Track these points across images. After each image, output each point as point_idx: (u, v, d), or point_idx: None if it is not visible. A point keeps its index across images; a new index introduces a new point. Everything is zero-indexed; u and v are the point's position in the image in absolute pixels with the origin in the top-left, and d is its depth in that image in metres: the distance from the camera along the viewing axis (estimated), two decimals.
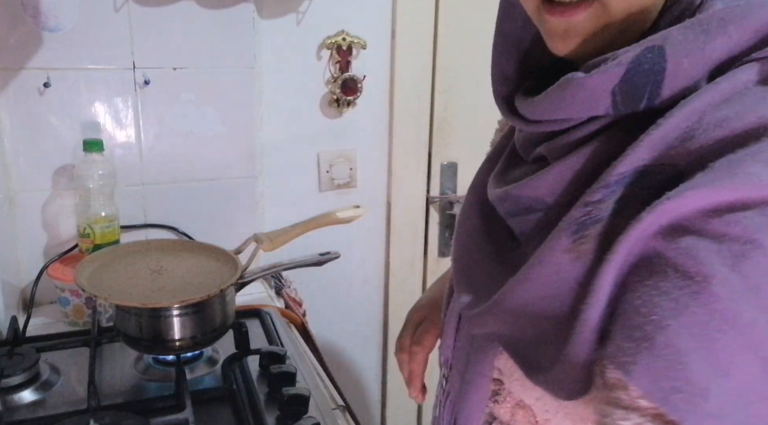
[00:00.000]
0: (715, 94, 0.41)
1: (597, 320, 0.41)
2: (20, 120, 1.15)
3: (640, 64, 0.42)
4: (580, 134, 0.47)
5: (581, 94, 0.45)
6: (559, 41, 0.48)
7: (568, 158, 0.47)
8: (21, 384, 0.89)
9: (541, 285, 0.45)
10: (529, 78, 0.55)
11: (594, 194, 0.43)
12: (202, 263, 0.94)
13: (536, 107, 0.49)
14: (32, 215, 1.20)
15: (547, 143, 0.50)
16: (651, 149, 0.41)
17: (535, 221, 0.49)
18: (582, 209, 0.43)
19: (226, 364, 0.94)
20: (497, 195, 0.53)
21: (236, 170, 1.33)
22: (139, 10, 1.18)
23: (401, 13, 1.39)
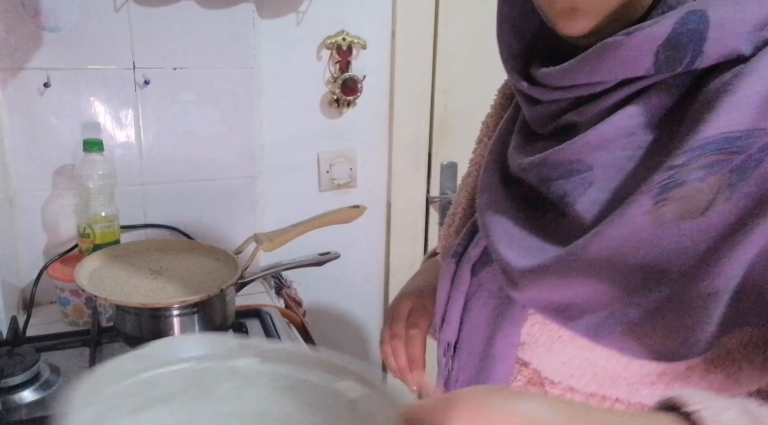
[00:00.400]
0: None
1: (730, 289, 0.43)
2: (20, 120, 1.15)
3: (685, 25, 0.44)
4: (615, 97, 0.49)
5: (624, 54, 0.46)
6: (566, 20, 0.50)
7: (607, 123, 0.48)
8: (21, 384, 0.89)
9: (614, 242, 0.46)
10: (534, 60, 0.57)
11: (676, 158, 0.44)
12: (202, 263, 0.94)
13: (569, 73, 0.50)
14: (32, 215, 1.20)
15: (580, 109, 0.51)
16: (732, 114, 0.43)
17: (579, 182, 0.50)
18: (665, 172, 0.44)
19: None
20: (531, 163, 0.54)
21: (236, 170, 1.33)
22: (139, 10, 1.18)
23: (401, 13, 1.39)
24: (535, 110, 0.56)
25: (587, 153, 0.50)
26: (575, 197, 0.51)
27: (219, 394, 0.46)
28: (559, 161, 0.52)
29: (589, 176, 0.50)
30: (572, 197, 0.51)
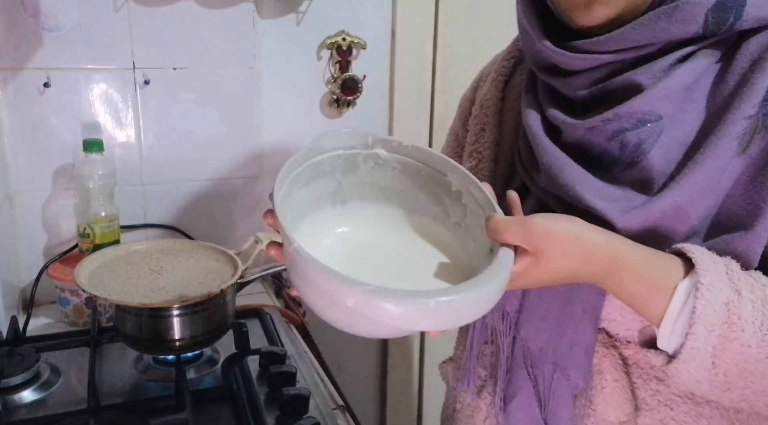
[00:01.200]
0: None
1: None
2: (20, 120, 1.15)
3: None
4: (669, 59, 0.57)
5: (679, 16, 0.55)
6: (584, 12, 0.57)
7: (671, 77, 0.56)
8: (21, 384, 0.89)
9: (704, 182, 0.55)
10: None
11: (752, 108, 0.54)
12: (202, 263, 0.94)
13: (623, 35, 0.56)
14: (32, 215, 1.20)
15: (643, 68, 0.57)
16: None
17: (652, 130, 0.57)
18: (744, 121, 0.54)
19: (226, 364, 0.94)
20: (603, 119, 0.58)
21: (236, 170, 1.33)
22: (139, 10, 1.18)
23: (401, 13, 1.39)
24: (573, 80, 0.61)
25: (657, 103, 0.56)
26: (650, 144, 0.57)
27: (360, 171, 0.64)
28: (632, 112, 0.57)
29: (659, 124, 0.57)
30: (648, 144, 0.57)
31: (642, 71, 0.57)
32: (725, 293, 0.51)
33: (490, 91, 0.75)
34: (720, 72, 0.57)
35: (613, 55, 0.58)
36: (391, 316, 0.47)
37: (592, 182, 0.59)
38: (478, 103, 0.77)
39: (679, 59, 0.57)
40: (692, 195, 0.55)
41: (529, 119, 0.65)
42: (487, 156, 0.73)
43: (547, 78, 0.65)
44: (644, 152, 0.57)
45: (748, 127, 0.54)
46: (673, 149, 0.57)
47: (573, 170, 0.60)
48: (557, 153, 0.61)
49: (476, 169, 0.73)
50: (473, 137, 0.76)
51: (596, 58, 0.59)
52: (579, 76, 0.61)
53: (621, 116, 0.57)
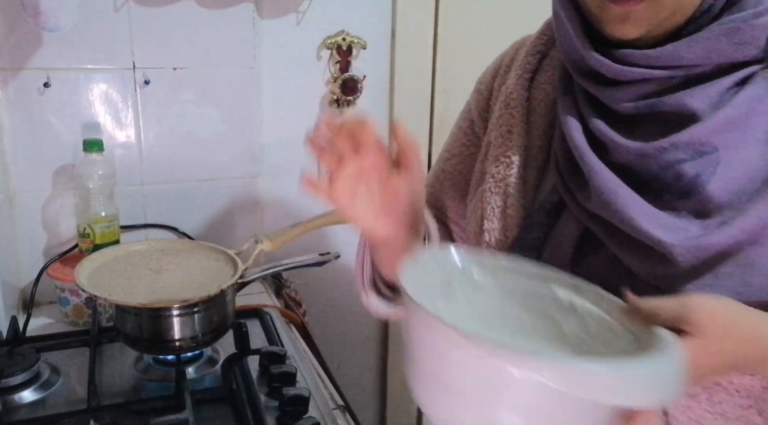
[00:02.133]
0: None
1: None
2: (20, 120, 1.15)
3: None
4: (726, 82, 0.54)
5: (742, 37, 0.53)
6: (618, 25, 0.55)
7: (729, 105, 0.53)
8: (21, 384, 0.89)
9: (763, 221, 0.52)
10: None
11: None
12: (202, 263, 0.94)
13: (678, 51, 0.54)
14: (32, 215, 1.20)
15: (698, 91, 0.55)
16: None
17: (708, 162, 0.54)
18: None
19: (226, 364, 0.94)
20: (657, 147, 0.55)
21: (236, 170, 1.33)
22: (139, 10, 1.18)
23: (401, 13, 1.39)
24: (619, 91, 0.58)
25: (714, 134, 0.54)
26: (708, 177, 0.54)
27: (458, 299, 0.58)
28: (690, 142, 0.54)
29: (716, 157, 0.54)
30: (705, 177, 0.54)
31: (698, 96, 0.55)
32: None
33: (516, 90, 0.70)
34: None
35: (665, 71, 0.56)
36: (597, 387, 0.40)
37: (647, 209, 0.56)
38: (502, 101, 0.72)
39: (736, 83, 0.54)
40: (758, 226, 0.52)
41: (572, 130, 0.61)
42: (516, 162, 0.68)
43: (587, 85, 0.61)
44: (703, 184, 0.54)
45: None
46: (734, 180, 0.54)
47: (627, 195, 0.56)
48: (609, 175, 0.57)
49: (505, 176, 0.69)
50: (499, 140, 0.70)
51: (645, 72, 0.56)
52: (624, 88, 0.58)
53: (678, 146, 0.54)
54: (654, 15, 0.54)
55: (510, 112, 0.70)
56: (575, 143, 0.60)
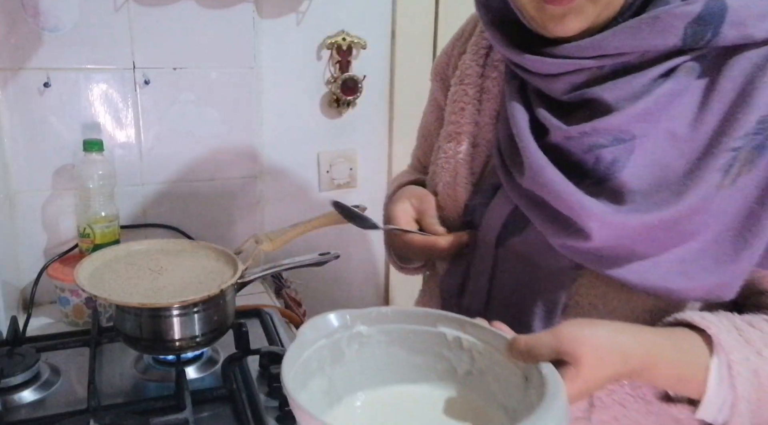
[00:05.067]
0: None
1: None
2: (20, 120, 1.15)
3: (709, 8, 0.54)
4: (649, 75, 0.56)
5: (660, 26, 0.55)
6: (558, 24, 0.57)
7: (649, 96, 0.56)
8: (21, 384, 0.89)
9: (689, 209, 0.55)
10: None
11: (736, 141, 0.54)
12: (202, 263, 0.94)
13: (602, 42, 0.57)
14: (32, 215, 1.20)
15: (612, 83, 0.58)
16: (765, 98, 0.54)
17: (624, 149, 0.57)
18: (729, 153, 0.54)
19: (226, 364, 0.94)
20: (581, 131, 0.58)
21: (236, 170, 1.33)
22: (139, 10, 1.18)
23: (401, 13, 1.39)
24: (552, 82, 0.61)
25: (633, 123, 0.57)
26: (623, 164, 0.57)
27: (347, 358, 0.59)
28: (608, 128, 0.57)
29: (631, 145, 0.57)
30: (620, 163, 0.57)
31: (616, 88, 0.58)
32: (752, 360, 0.55)
33: (471, 66, 0.73)
34: (705, 92, 0.57)
35: (592, 60, 0.58)
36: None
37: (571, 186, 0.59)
38: (458, 76, 0.74)
39: (661, 74, 0.57)
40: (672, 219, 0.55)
41: (515, 112, 0.64)
42: (466, 139, 0.72)
43: (527, 78, 0.64)
44: (618, 170, 0.57)
45: (733, 159, 0.54)
46: (645, 168, 0.57)
47: (553, 172, 0.60)
48: (540, 154, 0.61)
49: (455, 152, 0.72)
50: (452, 116, 0.73)
51: (572, 63, 0.59)
52: (558, 79, 0.61)
53: (598, 131, 0.58)
54: (591, 7, 0.56)
55: (464, 88, 0.73)
56: (516, 122, 0.63)
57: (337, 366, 0.59)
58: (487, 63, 0.72)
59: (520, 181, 0.62)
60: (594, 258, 0.59)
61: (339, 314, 0.60)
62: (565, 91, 0.61)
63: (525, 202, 0.63)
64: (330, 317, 0.59)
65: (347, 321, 0.60)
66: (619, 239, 0.57)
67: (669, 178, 0.56)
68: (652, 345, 0.55)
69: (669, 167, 0.56)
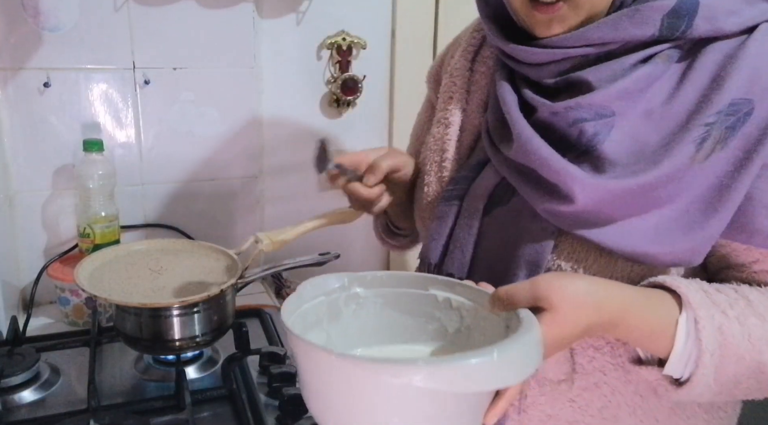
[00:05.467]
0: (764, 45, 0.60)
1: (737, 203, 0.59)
2: (20, 120, 1.15)
3: (683, 2, 0.60)
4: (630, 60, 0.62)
5: (639, 18, 0.60)
6: (544, 28, 0.64)
7: (627, 78, 0.61)
8: (21, 384, 0.89)
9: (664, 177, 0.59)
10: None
11: (709, 117, 0.59)
12: (202, 263, 0.94)
13: (586, 33, 0.62)
14: (32, 215, 1.20)
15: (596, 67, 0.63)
16: (739, 84, 0.59)
17: (605, 124, 0.62)
18: (702, 128, 0.59)
19: (226, 364, 0.95)
20: (566, 106, 0.63)
21: (236, 170, 1.33)
22: (139, 10, 1.18)
23: (401, 13, 1.39)
24: (541, 70, 0.66)
25: (612, 101, 0.62)
26: (603, 137, 0.62)
27: (344, 316, 0.63)
28: (591, 104, 0.62)
29: (611, 120, 0.62)
30: (601, 136, 0.62)
31: (598, 71, 0.63)
32: (717, 319, 0.59)
33: (460, 62, 0.79)
34: (680, 77, 0.62)
35: (578, 49, 0.64)
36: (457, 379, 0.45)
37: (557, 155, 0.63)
38: (448, 72, 0.81)
39: (640, 61, 0.62)
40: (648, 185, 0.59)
41: (504, 93, 0.69)
42: (454, 123, 0.78)
43: (516, 67, 0.69)
44: (598, 143, 0.62)
45: (706, 134, 0.59)
46: (624, 142, 0.62)
47: (540, 142, 0.64)
48: (529, 128, 0.65)
49: (443, 135, 0.78)
50: (442, 104, 0.80)
51: (559, 52, 0.64)
52: (545, 67, 0.66)
53: (581, 106, 0.63)
54: (574, 15, 0.62)
55: (453, 80, 0.79)
56: (505, 101, 0.68)
57: (334, 323, 0.63)
58: (476, 59, 0.78)
59: (508, 154, 0.67)
60: (574, 222, 0.63)
61: (337, 276, 0.63)
62: (551, 76, 0.66)
63: (512, 172, 0.68)
64: (329, 277, 0.63)
65: (345, 282, 0.63)
66: (600, 203, 0.61)
67: (645, 151, 0.61)
68: (625, 298, 0.59)
69: (645, 142, 0.61)
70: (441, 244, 0.74)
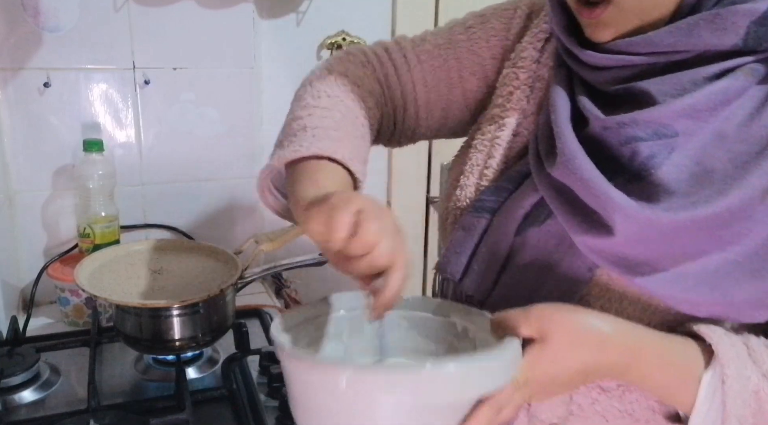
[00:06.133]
0: None
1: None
2: (20, 120, 1.15)
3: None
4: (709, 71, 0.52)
5: (720, 24, 0.51)
6: (591, 31, 0.57)
7: (698, 93, 0.52)
8: (21, 384, 0.89)
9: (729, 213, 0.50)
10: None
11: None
12: (202, 263, 0.94)
13: (657, 39, 0.53)
14: (32, 215, 1.20)
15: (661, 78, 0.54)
16: None
17: (664, 145, 0.53)
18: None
19: (226, 364, 0.94)
20: (619, 121, 0.55)
21: (236, 170, 1.33)
22: (139, 10, 1.18)
23: (401, 13, 1.39)
24: (600, 75, 0.58)
25: (676, 118, 0.53)
26: (661, 160, 0.53)
27: (367, 332, 0.62)
28: (649, 121, 0.53)
29: (673, 141, 0.53)
30: (658, 159, 0.53)
31: (662, 82, 0.54)
32: (753, 381, 0.50)
33: (527, 50, 0.67)
34: (765, 98, 0.53)
35: (644, 57, 0.55)
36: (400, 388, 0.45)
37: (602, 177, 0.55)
38: (512, 58, 0.69)
39: (716, 74, 0.53)
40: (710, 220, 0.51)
41: (557, 99, 0.61)
42: (510, 125, 0.67)
43: (575, 67, 0.61)
44: (654, 167, 0.54)
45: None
46: (685, 167, 0.53)
47: (585, 161, 0.56)
48: (575, 142, 0.57)
49: (494, 136, 0.68)
50: (499, 99, 0.69)
51: (622, 59, 0.56)
52: (605, 72, 0.58)
53: (637, 123, 0.54)
54: (622, 20, 0.54)
55: (515, 71, 0.68)
56: (555, 108, 0.60)
57: (355, 337, 0.62)
58: (545, 49, 0.67)
59: (550, 170, 0.59)
60: (614, 259, 0.55)
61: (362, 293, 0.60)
62: (610, 83, 0.58)
63: (551, 192, 0.59)
64: (357, 294, 0.60)
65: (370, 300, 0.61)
66: (645, 239, 0.53)
67: (711, 179, 0.52)
68: (638, 338, 0.52)
69: (712, 169, 0.52)
70: (464, 259, 0.66)
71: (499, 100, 0.68)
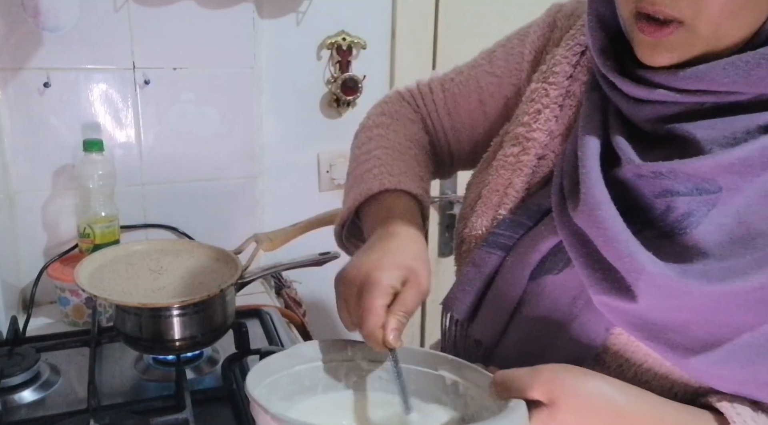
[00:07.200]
0: None
1: None
2: (20, 120, 1.15)
3: None
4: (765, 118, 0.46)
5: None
6: (647, 53, 0.49)
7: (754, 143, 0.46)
8: (21, 384, 0.89)
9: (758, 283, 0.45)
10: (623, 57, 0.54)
11: None
12: (202, 263, 0.94)
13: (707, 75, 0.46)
14: (32, 215, 1.20)
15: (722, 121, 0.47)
16: None
17: (704, 202, 0.47)
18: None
19: (226, 364, 0.94)
20: (655, 171, 0.48)
21: (236, 170, 1.33)
22: (139, 10, 1.18)
23: (401, 13, 1.39)
24: (639, 109, 0.51)
25: (722, 173, 0.47)
26: (698, 219, 0.47)
27: (341, 387, 0.58)
28: (690, 173, 0.47)
29: (714, 198, 0.47)
30: (696, 218, 0.47)
31: (719, 127, 0.47)
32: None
33: (561, 63, 0.61)
34: None
35: (691, 95, 0.48)
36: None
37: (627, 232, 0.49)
38: (543, 72, 0.62)
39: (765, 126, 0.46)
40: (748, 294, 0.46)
41: (587, 133, 0.54)
42: (533, 147, 0.61)
43: (611, 94, 0.54)
44: (691, 225, 0.48)
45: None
46: (725, 227, 0.47)
47: (610, 211, 0.50)
48: (601, 187, 0.50)
49: (516, 159, 0.62)
50: (525, 117, 0.62)
51: (665, 95, 0.49)
52: (644, 106, 0.51)
53: (677, 174, 0.48)
54: (688, 46, 0.47)
55: (545, 87, 0.62)
56: (584, 143, 0.53)
57: (331, 392, 0.58)
58: (580, 62, 0.61)
59: (573, 213, 0.53)
60: (636, 324, 0.50)
61: (339, 342, 0.59)
62: (650, 121, 0.51)
63: (572, 240, 0.53)
64: (336, 342, 0.59)
65: (347, 352, 0.59)
66: (673, 309, 0.47)
67: (753, 244, 0.46)
68: (652, 411, 0.47)
69: (755, 231, 0.46)
70: (471, 298, 0.61)
71: (525, 118, 0.62)
